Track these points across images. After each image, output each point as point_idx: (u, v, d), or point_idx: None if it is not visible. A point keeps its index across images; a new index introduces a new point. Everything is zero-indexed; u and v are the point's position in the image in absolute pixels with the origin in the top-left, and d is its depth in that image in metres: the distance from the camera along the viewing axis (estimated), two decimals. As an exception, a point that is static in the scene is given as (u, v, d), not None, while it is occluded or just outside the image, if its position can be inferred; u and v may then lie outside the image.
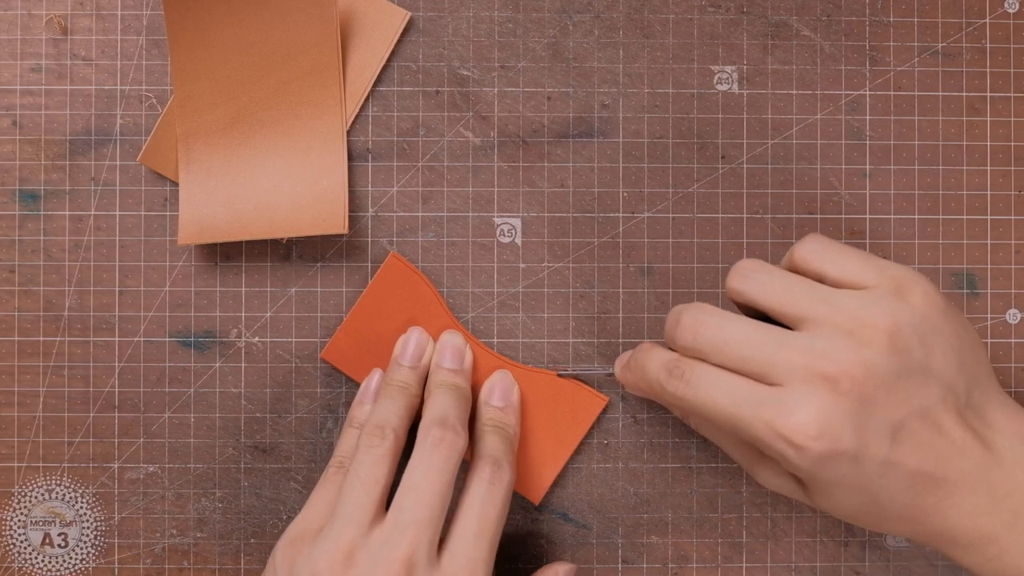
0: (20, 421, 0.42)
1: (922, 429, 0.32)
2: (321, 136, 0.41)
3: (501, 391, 0.41)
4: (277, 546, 0.36)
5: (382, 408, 0.38)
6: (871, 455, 0.32)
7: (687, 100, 0.43)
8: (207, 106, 0.41)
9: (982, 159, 0.43)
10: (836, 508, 0.34)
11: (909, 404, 0.32)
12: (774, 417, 0.32)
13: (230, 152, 0.41)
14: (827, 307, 0.33)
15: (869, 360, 0.32)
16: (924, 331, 0.33)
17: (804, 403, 0.32)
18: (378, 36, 0.42)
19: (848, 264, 0.34)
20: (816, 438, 0.31)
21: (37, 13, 0.42)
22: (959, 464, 0.32)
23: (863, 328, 0.32)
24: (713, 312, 0.34)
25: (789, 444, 0.32)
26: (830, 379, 0.32)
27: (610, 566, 0.43)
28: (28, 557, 0.42)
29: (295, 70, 0.41)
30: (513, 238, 0.42)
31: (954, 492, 0.33)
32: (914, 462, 0.32)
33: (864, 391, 0.32)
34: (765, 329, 0.33)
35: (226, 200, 0.41)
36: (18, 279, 0.42)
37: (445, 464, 0.35)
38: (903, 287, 0.33)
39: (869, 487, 0.33)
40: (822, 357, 0.32)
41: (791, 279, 0.34)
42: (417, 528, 0.34)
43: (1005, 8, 0.43)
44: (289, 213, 0.41)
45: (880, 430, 0.32)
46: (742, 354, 0.33)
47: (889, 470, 0.32)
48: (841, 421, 0.31)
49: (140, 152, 0.42)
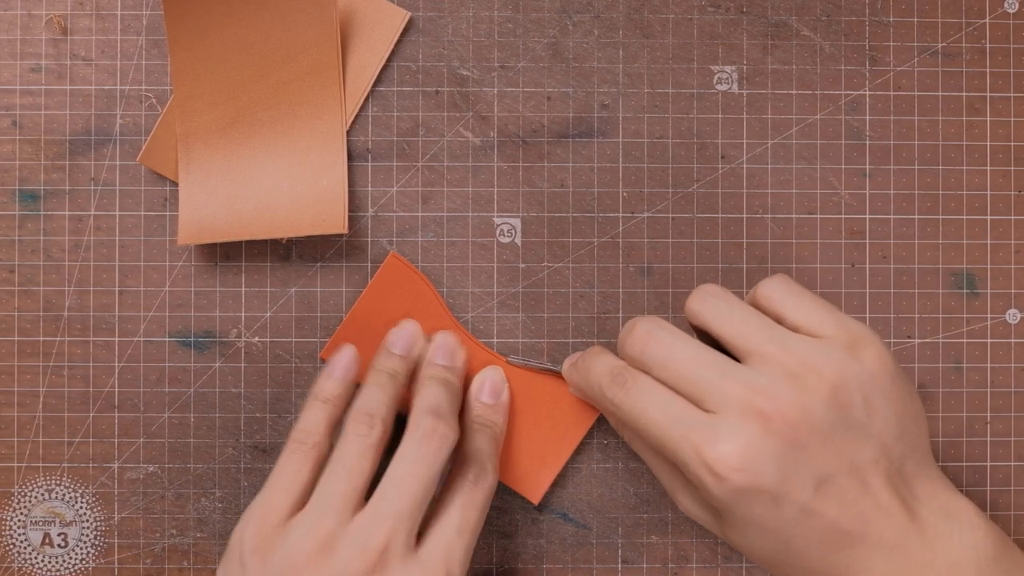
0: (20, 421, 0.42)
1: (849, 485, 0.32)
2: (321, 136, 0.41)
3: (491, 387, 0.40)
4: (242, 532, 0.35)
5: (371, 395, 0.37)
6: (791, 499, 0.32)
7: (687, 100, 0.43)
8: (207, 106, 0.41)
9: (982, 159, 0.43)
10: (748, 548, 0.34)
11: (840, 458, 0.32)
12: (702, 442, 0.32)
13: (230, 152, 0.41)
14: (778, 347, 0.33)
15: (807, 406, 0.32)
16: (870, 391, 0.33)
17: (734, 434, 0.32)
18: (378, 36, 0.42)
19: (808, 311, 0.34)
20: (738, 470, 0.31)
21: (37, 13, 0.42)
22: (880, 527, 0.32)
23: (809, 374, 0.32)
24: (666, 328, 0.34)
25: (710, 472, 0.32)
26: (764, 416, 0.32)
27: (610, 566, 0.43)
28: (28, 557, 0.42)
29: (295, 70, 0.41)
30: (513, 238, 0.42)
31: (869, 554, 0.32)
32: (834, 515, 0.32)
33: (796, 435, 0.32)
34: (712, 355, 0.33)
35: (226, 200, 0.41)
36: (18, 279, 0.42)
37: (434, 457, 0.35)
38: (858, 344, 0.33)
39: (783, 532, 0.32)
40: (761, 393, 0.32)
41: (749, 312, 0.34)
42: (397, 519, 0.34)
43: (1005, 8, 0.43)
44: (289, 213, 0.41)
45: (805, 477, 0.32)
46: (685, 375, 0.33)
47: (807, 518, 0.32)
48: (766, 458, 0.31)
49: (140, 152, 0.42)
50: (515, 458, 0.41)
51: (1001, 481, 0.43)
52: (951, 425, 0.43)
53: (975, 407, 0.43)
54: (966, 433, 0.43)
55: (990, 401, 0.43)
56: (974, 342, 0.43)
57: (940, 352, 0.43)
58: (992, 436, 0.43)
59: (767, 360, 0.33)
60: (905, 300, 0.43)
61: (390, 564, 0.33)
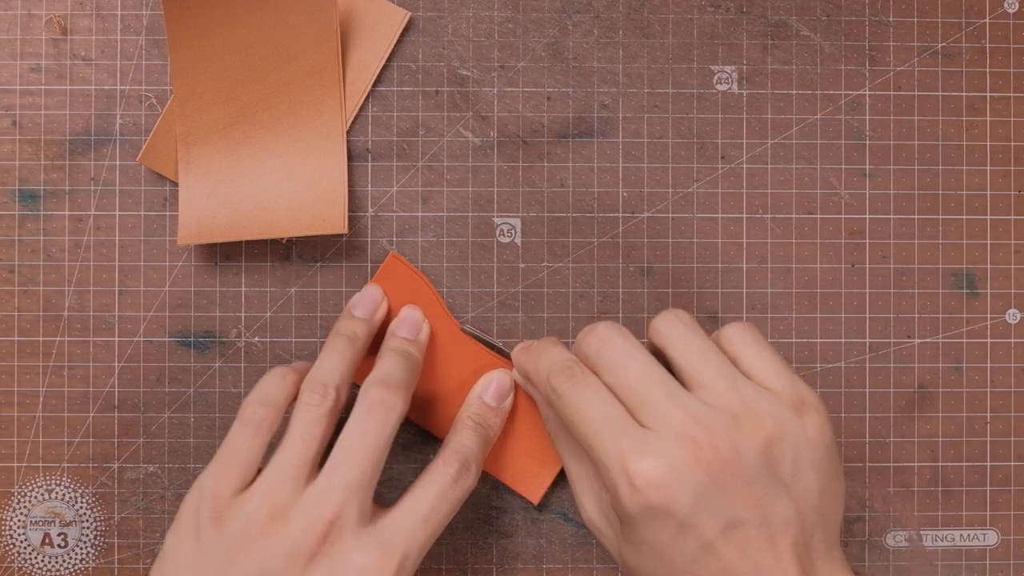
0: (20, 421, 0.42)
1: (756, 536, 0.32)
2: (321, 136, 0.41)
3: (497, 391, 0.40)
4: (198, 502, 0.34)
5: (327, 363, 0.37)
6: (697, 533, 0.32)
7: (687, 100, 0.43)
8: (207, 106, 0.41)
9: (982, 159, 0.43)
10: (635, 568, 0.35)
11: (755, 509, 0.32)
12: (629, 451, 0.32)
13: (230, 152, 0.41)
14: (727, 385, 0.34)
15: (740, 448, 0.32)
16: (802, 454, 0.33)
17: (663, 452, 0.32)
18: (378, 36, 0.42)
19: (765, 362, 0.35)
20: (656, 487, 0.32)
21: (37, 13, 0.42)
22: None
23: (749, 419, 0.33)
24: (626, 337, 0.35)
25: (628, 481, 0.32)
26: (696, 445, 0.32)
27: (610, 566, 0.42)
28: (28, 557, 0.42)
29: (295, 70, 0.41)
30: (513, 238, 0.42)
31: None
32: (732, 560, 0.32)
33: (722, 472, 0.32)
34: (663, 375, 0.34)
35: (226, 200, 0.41)
36: (18, 279, 0.42)
37: (381, 428, 0.35)
38: (803, 407, 0.34)
39: (678, 563, 0.33)
40: (700, 423, 0.32)
41: (709, 347, 0.35)
42: (347, 490, 0.34)
43: (1005, 8, 0.43)
44: (289, 213, 0.41)
45: (717, 515, 0.32)
46: (633, 385, 0.34)
47: (705, 555, 0.32)
48: (686, 485, 0.32)
49: (140, 152, 0.42)
50: (515, 458, 0.41)
51: (1001, 481, 0.43)
52: (951, 425, 0.43)
53: (975, 407, 0.43)
54: (966, 433, 0.43)
55: (990, 401, 0.43)
56: (974, 342, 0.43)
57: (940, 352, 0.43)
58: (992, 436, 0.43)
59: (714, 395, 0.33)
60: (905, 300, 0.43)
61: (343, 535, 0.33)
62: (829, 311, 0.43)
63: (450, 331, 0.41)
